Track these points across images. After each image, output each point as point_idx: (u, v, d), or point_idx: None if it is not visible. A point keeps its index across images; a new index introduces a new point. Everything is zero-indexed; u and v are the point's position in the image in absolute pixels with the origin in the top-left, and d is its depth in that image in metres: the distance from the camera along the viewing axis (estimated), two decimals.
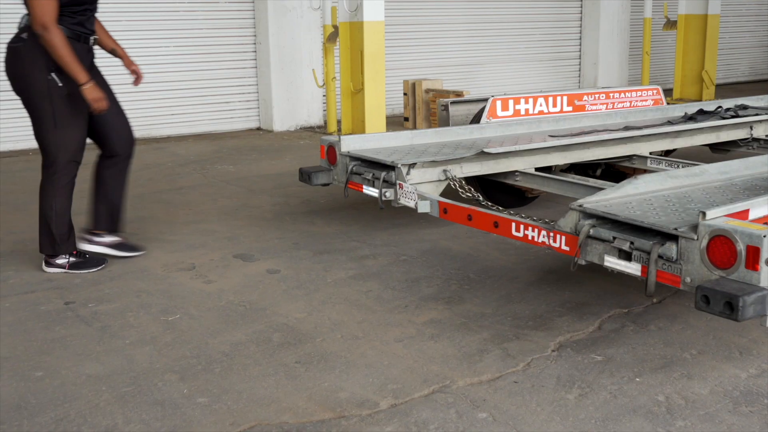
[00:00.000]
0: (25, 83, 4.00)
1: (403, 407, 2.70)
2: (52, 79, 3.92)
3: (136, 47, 9.07)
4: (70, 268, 4.17)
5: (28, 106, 4.04)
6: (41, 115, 3.99)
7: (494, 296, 3.75)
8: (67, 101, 3.96)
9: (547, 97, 5.60)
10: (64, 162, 4.06)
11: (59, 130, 3.99)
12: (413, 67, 11.24)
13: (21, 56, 3.96)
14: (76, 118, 4.04)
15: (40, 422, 2.64)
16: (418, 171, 4.22)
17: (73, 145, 4.07)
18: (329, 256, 4.43)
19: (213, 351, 3.18)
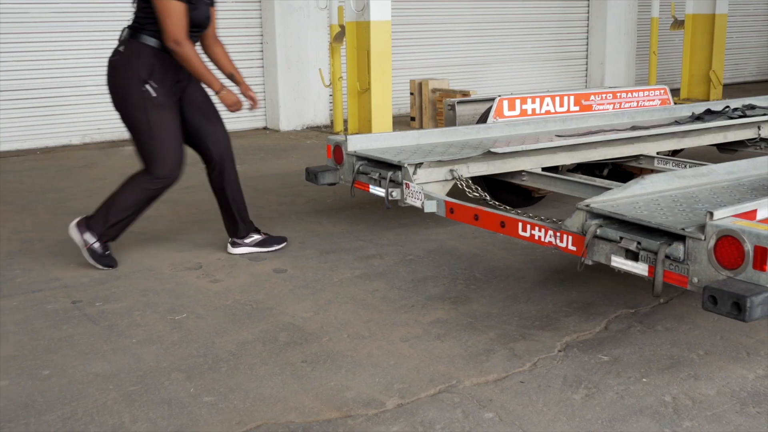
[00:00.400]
0: (121, 96, 4.03)
1: (409, 407, 2.70)
2: (146, 91, 3.95)
3: None
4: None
5: (126, 119, 4.07)
6: (137, 127, 4.03)
7: (501, 296, 3.74)
8: (161, 111, 4.00)
9: (553, 97, 5.59)
10: (159, 174, 4.08)
11: (156, 141, 4.02)
12: (420, 66, 11.24)
13: (117, 69, 4.01)
14: (172, 131, 4.07)
15: (47, 420, 2.65)
16: (425, 171, 4.21)
17: (171, 161, 4.08)
18: (335, 255, 4.43)
19: (219, 350, 3.18)
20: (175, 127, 4.10)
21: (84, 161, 7.76)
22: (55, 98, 8.73)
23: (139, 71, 3.96)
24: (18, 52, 8.48)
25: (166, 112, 4.03)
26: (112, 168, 7.34)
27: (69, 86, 8.80)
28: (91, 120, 8.97)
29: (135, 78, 3.96)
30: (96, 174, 7.05)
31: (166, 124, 4.04)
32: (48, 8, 8.55)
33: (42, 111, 8.67)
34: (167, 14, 3.89)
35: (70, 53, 8.77)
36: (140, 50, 3.98)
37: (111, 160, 7.79)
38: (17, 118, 8.53)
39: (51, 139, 8.75)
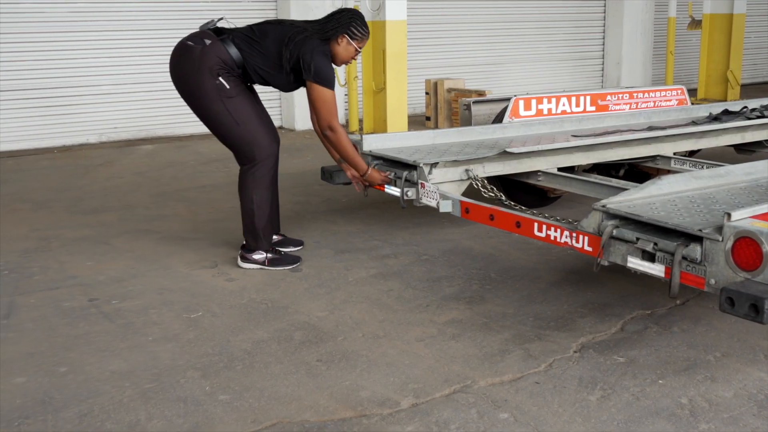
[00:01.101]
0: (194, 85, 4.00)
1: (424, 407, 2.70)
2: (220, 83, 3.96)
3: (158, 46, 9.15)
4: (269, 264, 4.18)
5: (200, 109, 4.07)
6: (218, 118, 4.03)
7: (516, 296, 3.74)
8: (237, 100, 4.02)
9: (570, 97, 5.57)
10: (261, 156, 4.08)
11: (243, 127, 4.03)
12: (435, 66, 11.23)
13: (194, 57, 3.97)
14: (255, 113, 4.09)
15: (64, 417, 2.66)
16: (440, 170, 4.21)
17: (264, 138, 4.09)
18: (351, 255, 4.44)
19: (235, 349, 3.19)
20: (255, 107, 4.12)
21: (101, 160, 7.80)
22: (72, 97, 8.78)
23: (215, 66, 3.95)
24: (35, 51, 8.54)
25: (242, 98, 4.05)
26: (129, 166, 7.38)
27: (86, 85, 8.86)
28: (108, 119, 9.02)
29: (210, 70, 3.95)
30: (112, 172, 7.09)
31: (246, 107, 4.05)
32: (66, 8, 8.61)
33: (59, 110, 8.73)
34: (323, 102, 4.03)
35: (87, 53, 8.82)
36: (225, 53, 3.98)
37: (127, 159, 7.83)
38: (35, 117, 8.59)
39: (68, 138, 8.80)
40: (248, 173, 4.13)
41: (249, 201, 4.13)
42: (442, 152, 4.49)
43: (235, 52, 4.00)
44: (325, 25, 4.11)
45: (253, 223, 4.14)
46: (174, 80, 4.12)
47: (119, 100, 9.03)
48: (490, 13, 11.96)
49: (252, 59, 4.03)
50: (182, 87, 4.09)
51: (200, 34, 4.05)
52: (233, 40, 4.03)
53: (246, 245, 4.21)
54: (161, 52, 9.19)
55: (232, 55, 4.00)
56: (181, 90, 4.10)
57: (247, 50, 4.03)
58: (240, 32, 4.09)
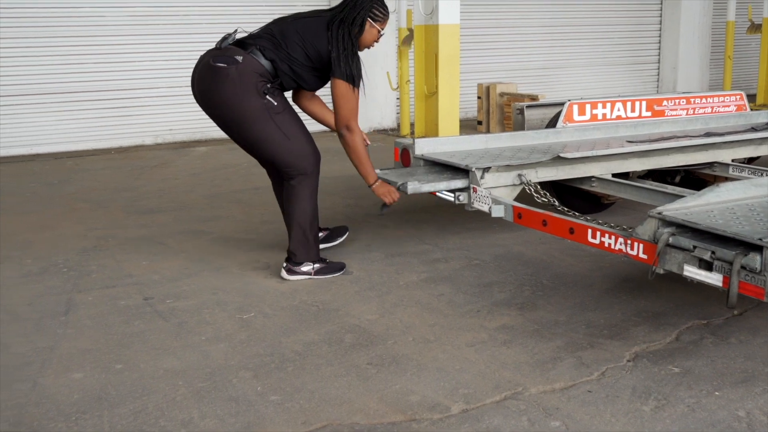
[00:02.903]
0: (240, 109, 3.83)
1: (474, 413, 2.68)
2: (268, 101, 3.83)
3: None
4: (316, 273, 4.09)
5: (247, 132, 3.91)
6: (267, 136, 3.89)
7: (568, 303, 3.70)
8: (285, 115, 3.91)
9: (625, 102, 5.49)
10: (310, 167, 4.00)
11: (293, 140, 3.92)
12: (487, 70, 11.19)
13: (233, 80, 3.78)
14: (300, 126, 3.99)
15: (119, 413, 2.71)
16: (493, 175, 4.19)
17: (312, 151, 4.00)
18: (401, 258, 4.44)
19: (286, 350, 3.22)
20: (299, 119, 4.01)
21: (156, 161, 7.95)
22: (129, 99, 8.98)
23: (259, 84, 3.81)
24: (95, 54, 8.74)
25: (289, 112, 3.95)
26: (184, 168, 7.50)
27: (143, 88, 9.04)
28: (164, 121, 9.19)
29: (255, 90, 3.80)
30: (168, 173, 7.22)
31: (294, 120, 3.95)
32: (125, 13, 8.80)
33: (117, 112, 8.93)
34: (346, 99, 3.90)
35: (145, 56, 9.00)
36: (260, 66, 3.83)
37: (182, 161, 7.96)
38: (94, 118, 8.80)
39: (125, 139, 8.99)
40: (301, 185, 4.01)
41: (302, 213, 4.04)
42: (494, 157, 4.47)
43: (267, 62, 3.85)
44: (350, 12, 3.92)
45: (305, 235, 4.05)
46: (207, 105, 3.94)
47: (175, 102, 9.19)
48: (544, 17, 11.88)
49: (282, 64, 3.87)
50: (222, 112, 3.90)
51: (226, 51, 3.84)
52: (260, 49, 3.86)
53: (293, 258, 4.09)
54: None
55: (266, 66, 3.85)
56: (219, 115, 3.92)
57: (275, 56, 3.86)
58: (261, 39, 3.91)
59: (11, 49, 8.35)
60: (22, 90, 8.51)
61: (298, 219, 4.04)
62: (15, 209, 5.86)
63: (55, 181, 7.04)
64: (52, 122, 8.69)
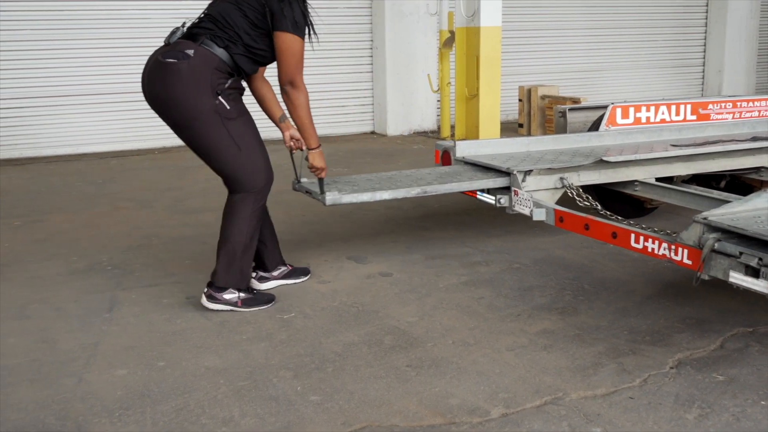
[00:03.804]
0: (188, 109, 3.45)
1: (514, 417, 2.67)
2: (221, 103, 3.46)
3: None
4: (242, 304, 3.69)
5: (195, 136, 3.53)
6: (218, 143, 3.51)
7: (610, 309, 3.66)
8: (239, 122, 3.55)
9: (669, 105, 5.42)
10: (260, 185, 3.65)
11: (245, 152, 3.56)
12: (529, 72, 11.13)
13: (184, 77, 3.41)
14: (255, 138, 3.63)
15: (161, 410, 2.75)
16: (534, 178, 4.16)
17: (264, 167, 3.66)
18: (441, 261, 4.43)
19: (326, 350, 3.23)
20: (255, 129, 3.65)
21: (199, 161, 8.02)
22: None
23: (214, 80, 3.44)
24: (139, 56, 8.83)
25: (244, 120, 3.58)
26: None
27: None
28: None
29: (206, 88, 3.43)
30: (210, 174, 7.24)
31: (248, 130, 3.60)
32: (169, 15, 8.91)
33: None
34: (292, 53, 3.51)
35: None
36: (214, 58, 3.45)
37: None
38: (138, 119, 8.92)
39: (168, 140, 9.09)
40: (243, 202, 3.64)
41: (238, 234, 3.64)
42: (536, 160, 4.44)
43: (221, 51, 3.46)
44: None
45: (235, 257, 3.65)
46: (158, 107, 3.55)
47: None
48: (587, 20, 11.78)
49: (236, 47, 3.49)
50: (173, 113, 3.50)
51: (176, 46, 3.47)
52: (211, 38, 3.47)
53: (215, 282, 3.69)
54: None
55: (221, 56, 3.46)
56: (170, 116, 3.53)
57: (228, 41, 3.48)
58: (208, 25, 3.52)
59: (58, 51, 8.51)
60: (69, 91, 8.67)
61: (232, 240, 3.65)
62: (62, 208, 5.98)
63: (100, 180, 7.16)
64: (97, 123, 8.84)
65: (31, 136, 8.64)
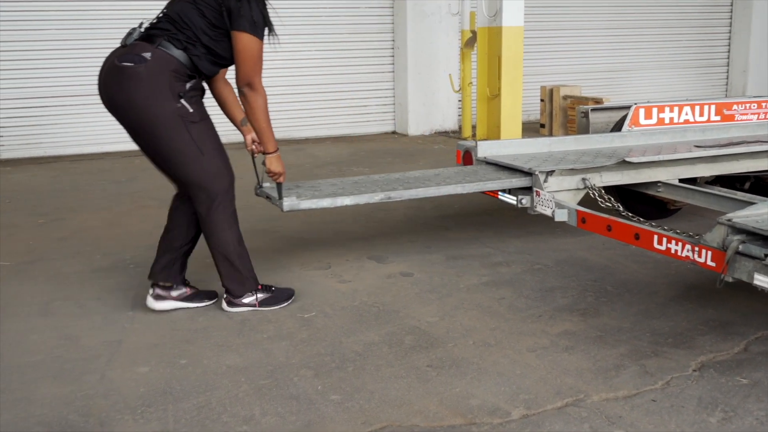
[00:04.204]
0: (148, 114, 3.34)
1: (535, 418, 2.66)
2: (183, 106, 3.36)
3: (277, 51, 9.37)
4: (260, 305, 3.70)
5: (157, 141, 3.42)
6: (181, 148, 3.42)
7: (632, 310, 3.63)
8: (202, 126, 3.46)
9: (693, 106, 5.38)
10: (225, 189, 3.57)
11: (207, 157, 3.47)
12: (551, 73, 11.08)
13: (142, 81, 3.29)
14: (217, 141, 3.55)
15: (183, 408, 2.77)
16: (556, 179, 4.15)
17: (227, 171, 3.58)
18: (462, 261, 4.42)
19: (346, 350, 3.24)
20: (216, 133, 3.57)
21: None
22: None
23: (173, 83, 3.34)
24: None
25: (206, 123, 3.50)
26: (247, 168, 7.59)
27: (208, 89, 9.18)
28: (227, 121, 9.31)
29: (167, 91, 3.32)
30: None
31: (210, 133, 3.51)
32: None
33: None
34: (250, 54, 3.40)
35: None
36: (172, 60, 3.34)
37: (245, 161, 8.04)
38: None
39: None
40: (215, 214, 3.56)
41: (224, 244, 3.59)
42: (558, 160, 4.42)
43: (180, 53, 3.36)
44: None
45: (234, 266, 3.62)
46: (112, 109, 3.43)
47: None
48: (609, 19, 11.71)
49: (195, 49, 3.39)
50: (131, 118, 3.39)
51: (132, 48, 3.34)
52: (169, 39, 3.36)
53: (230, 294, 3.68)
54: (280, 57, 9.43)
55: (179, 59, 3.35)
56: (128, 122, 3.41)
57: (186, 42, 3.37)
58: (165, 26, 3.40)
59: (83, 50, 8.58)
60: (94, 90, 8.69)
61: (221, 251, 3.61)
62: (86, 206, 6.03)
63: (123, 179, 7.22)
64: None
65: (55, 134, 8.72)
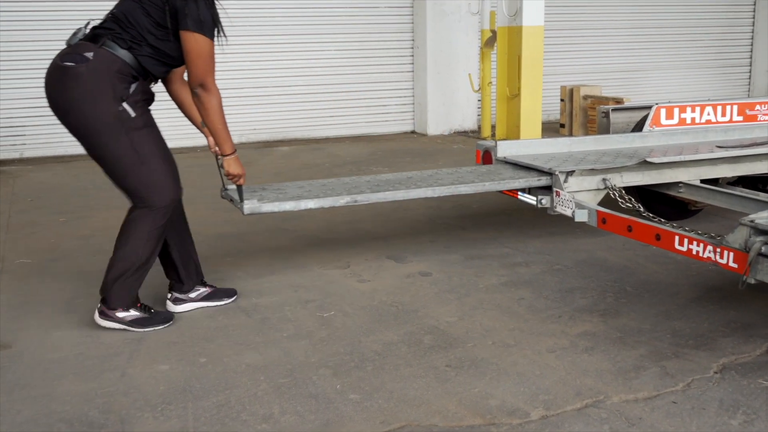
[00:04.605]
0: (87, 116, 3.24)
1: (554, 419, 2.65)
2: (125, 110, 3.25)
3: (297, 50, 9.42)
4: (130, 324, 3.47)
5: (96, 145, 3.31)
6: (119, 154, 3.30)
7: (652, 311, 3.61)
8: (144, 133, 3.35)
9: (715, 106, 5.33)
10: (164, 204, 3.43)
11: (147, 166, 3.35)
12: (571, 72, 11.03)
13: (83, 81, 3.20)
14: (161, 150, 3.44)
15: (203, 406, 2.78)
16: (576, 179, 4.13)
17: (169, 184, 3.45)
18: (481, 261, 4.42)
19: (365, 349, 3.24)
20: (161, 141, 3.46)
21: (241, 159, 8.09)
22: None
23: (116, 85, 3.23)
24: None
25: (149, 130, 3.39)
26: (267, 167, 7.63)
27: (228, 88, 9.19)
28: (248, 121, 9.36)
29: (110, 96, 3.23)
30: (252, 172, 7.34)
31: (153, 141, 3.40)
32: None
33: None
34: (198, 53, 3.28)
35: (230, 57, 9.16)
36: (116, 60, 3.24)
37: (265, 159, 8.10)
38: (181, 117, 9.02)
39: None
40: (143, 220, 3.42)
41: (132, 254, 3.42)
42: (578, 160, 4.41)
43: (125, 52, 3.25)
44: None
45: (126, 278, 3.44)
46: (54, 110, 3.32)
47: (259, 103, 9.37)
48: (630, 18, 11.64)
49: (141, 49, 3.29)
50: (71, 120, 3.28)
51: (76, 48, 3.25)
52: (113, 39, 3.25)
53: (108, 302, 3.48)
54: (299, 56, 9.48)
55: (124, 58, 3.25)
56: (67, 122, 3.30)
57: (131, 42, 3.27)
58: (110, 26, 3.30)
59: None
60: None
61: (124, 258, 3.43)
62: (107, 204, 6.07)
63: None
64: None
65: None
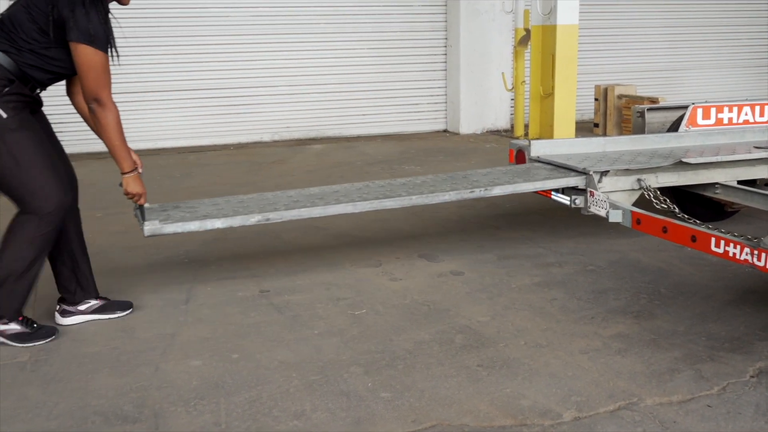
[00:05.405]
0: None
1: (587, 421, 2.63)
2: None
3: (332, 49, 9.44)
4: (10, 338, 3.29)
5: None
6: None
7: (687, 314, 3.57)
8: (20, 135, 3.17)
9: (753, 106, 5.25)
10: (48, 210, 3.24)
11: (27, 170, 3.18)
12: (605, 71, 10.93)
13: None
14: (43, 153, 3.24)
15: (235, 402, 2.80)
16: (611, 179, 4.09)
17: (52, 190, 3.24)
18: (514, 261, 4.39)
19: (397, 348, 3.24)
20: (43, 142, 3.28)
21: (273, 157, 8.15)
22: (249, 97, 9.24)
23: None
24: (217, 53, 9.04)
25: (27, 132, 3.20)
26: (299, 165, 7.67)
27: (262, 86, 9.28)
28: (281, 119, 9.41)
29: None
30: (284, 170, 7.39)
31: (32, 143, 3.21)
32: (248, 13, 9.07)
33: (237, 109, 9.21)
34: (90, 67, 3.13)
35: (265, 55, 9.24)
36: None
37: (298, 157, 8.13)
38: (215, 115, 9.10)
39: (244, 136, 9.26)
40: (26, 225, 3.23)
41: (14, 259, 3.23)
42: (612, 160, 4.37)
43: (1, 55, 3.13)
44: None
45: (5, 284, 3.25)
46: None
47: (292, 101, 9.41)
48: (666, 17, 11.50)
49: (23, 54, 3.16)
50: None
51: None
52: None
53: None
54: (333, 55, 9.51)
55: (2, 64, 3.13)
56: None
57: (10, 46, 3.15)
58: None
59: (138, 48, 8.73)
60: (148, 87, 8.89)
61: (5, 266, 3.24)
62: None
63: (177, 174, 7.33)
64: (175, 118, 9.04)
65: None
